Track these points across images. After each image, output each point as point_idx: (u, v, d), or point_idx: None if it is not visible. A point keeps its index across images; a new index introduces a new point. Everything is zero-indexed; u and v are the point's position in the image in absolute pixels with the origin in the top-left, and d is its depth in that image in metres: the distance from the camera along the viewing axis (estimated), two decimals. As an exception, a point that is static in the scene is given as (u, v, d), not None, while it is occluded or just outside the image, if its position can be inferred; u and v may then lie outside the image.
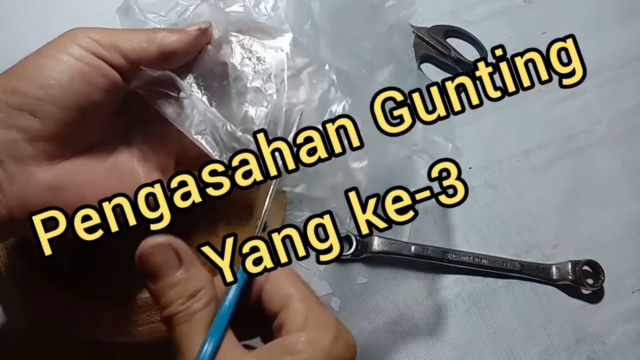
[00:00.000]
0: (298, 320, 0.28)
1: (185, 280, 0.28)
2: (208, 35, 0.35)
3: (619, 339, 0.49)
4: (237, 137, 0.34)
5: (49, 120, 0.30)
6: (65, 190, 0.31)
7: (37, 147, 0.30)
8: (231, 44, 0.35)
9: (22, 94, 0.29)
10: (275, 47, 0.36)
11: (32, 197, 0.30)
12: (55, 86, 0.30)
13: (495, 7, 0.64)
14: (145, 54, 0.32)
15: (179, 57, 0.34)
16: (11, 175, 0.29)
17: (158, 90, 0.33)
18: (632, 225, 0.53)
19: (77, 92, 0.30)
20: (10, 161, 0.29)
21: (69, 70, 0.30)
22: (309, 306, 0.29)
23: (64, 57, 0.30)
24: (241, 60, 0.35)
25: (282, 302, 0.29)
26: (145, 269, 0.28)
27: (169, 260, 0.28)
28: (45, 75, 0.30)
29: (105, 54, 0.31)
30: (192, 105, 0.33)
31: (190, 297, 0.28)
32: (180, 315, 0.27)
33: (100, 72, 0.31)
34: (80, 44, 0.31)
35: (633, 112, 0.59)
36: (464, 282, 0.50)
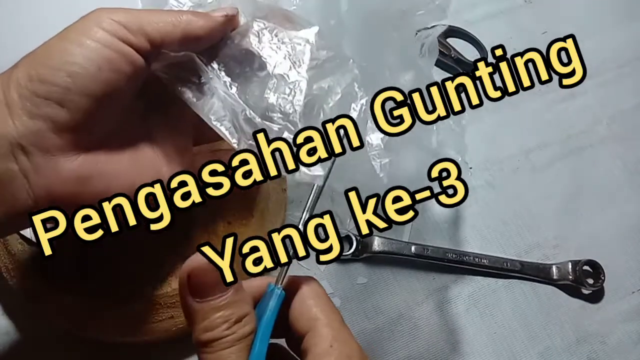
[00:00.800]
0: (323, 347, 0.28)
1: (233, 304, 0.27)
2: (234, 22, 0.34)
3: (619, 339, 0.49)
4: (256, 123, 0.33)
5: (77, 110, 0.29)
6: (91, 180, 0.30)
7: (64, 137, 0.29)
8: (257, 30, 0.34)
9: (49, 82, 0.28)
10: (300, 37, 0.35)
11: (59, 187, 0.29)
12: (83, 75, 0.29)
13: (495, 7, 0.64)
14: (170, 38, 0.31)
15: (203, 42, 0.33)
16: (37, 166, 0.29)
17: (178, 75, 0.33)
18: (632, 225, 0.53)
19: (104, 80, 0.29)
20: (36, 152, 0.29)
21: (96, 57, 0.29)
22: (334, 331, 0.28)
23: (91, 43, 0.29)
24: (266, 48, 0.34)
25: (308, 325, 0.29)
26: (193, 285, 0.27)
27: (218, 279, 0.27)
28: (72, 62, 0.29)
29: (131, 38, 0.30)
30: (212, 91, 0.33)
31: (236, 322, 0.27)
32: (225, 340, 0.26)
33: (127, 58, 0.30)
34: (105, 28, 0.29)
35: (633, 112, 0.59)
36: (464, 282, 0.50)
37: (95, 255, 0.41)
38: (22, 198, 0.29)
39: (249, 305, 0.28)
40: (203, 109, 0.33)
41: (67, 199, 0.30)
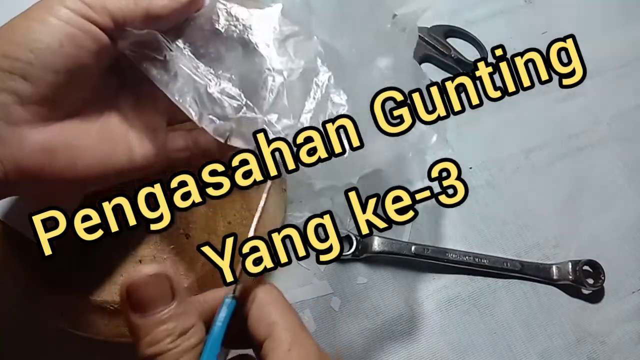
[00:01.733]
0: (282, 351, 0.28)
1: (176, 317, 0.27)
2: (199, 3, 0.34)
3: (619, 339, 0.49)
4: (215, 98, 0.34)
5: (40, 84, 0.30)
6: (57, 152, 0.31)
7: (28, 110, 0.30)
8: (220, 9, 0.35)
9: (13, 57, 0.29)
10: (263, 15, 0.35)
11: (26, 158, 0.30)
12: (45, 50, 0.29)
13: (495, 7, 0.64)
14: (132, 15, 0.32)
15: (166, 21, 0.33)
16: (3, 137, 0.29)
17: (144, 52, 0.33)
18: (632, 225, 0.53)
19: (66, 55, 0.30)
20: (2, 124, 0.29)
21: (58, 34, 0.30)
22: (293, 335, 0.28)
23: (53, 20, 0.30)
24: (227, 27, 0.35)
25: (267, 330, 0.29)
26: (132, 300, 0.27)
27: (163, 292, 0.27)
28: (34, 39, 0.29)
29: (94, 16, 0.31)
30: (176, 69, 0.33)
31: (180, 335, 0.26)
32: (170, 354, 0.26)
33: (90, 35, 0.31)
34: (68, 6, 0.30)
35: (633, 112, 0.59)
36: (464, 282, 0.50)
37: (95, 255, 0.41)
38: None
39: (194, 316, 0.28)
40: (167, 86, 0.33)
41: (34, 170, 0.30)
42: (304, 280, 0.49)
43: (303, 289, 0.49)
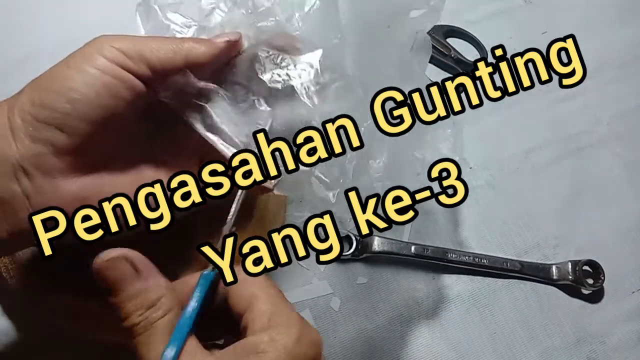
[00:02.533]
0: (262, 321, 0.28)
1: (143, 291, 0.28)
2: (237, 47, 0.34)
3: (619, 339, 0.49)
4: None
5: (76, 135, 0.30)
6: (91, 201, 0.31)
7: (63, 160, 0.30)
8: (260, 56, 0.35)
9: (49, 107, 0.29)
10: (305, 62, 0.35)
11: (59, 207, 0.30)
12: (82, 100, 0.30)
13: (495, 7, 0.64)
14: (172, 65, 0.32)
15: (206, 68, 0.33)
16: (38, 187, 0.30)
17: (184, 99, 0.33)
18: (632, 225, 0.53)
19: (103, 106, 0.30)
20: (37, 173, 0.30)
21: (95, 83, 0.30)
22: (273, 306, 0.29)
23: (91, 69, 0.30)
24: (271, 76, 0.34)
25: (247, 303, 0.29)
26: (103, 284, 0.28)
27: (126, 272, 0.28)
28: (71, 88, 0.30)
29: (131, 65, 0.31)
30: (217, 115, 0.33)
31: (149, 307, 0.28)
32: (140, 325, 0.28)
33: (126, 85, 0.31)
34: (105, 55, 0.30)
35: (633, 112, 0.59)
36: (464, 282, 0.50)
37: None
38: (24, 218, 0.30)
39: (162, 289, 0.29)
40: (207, 132, 0.33)
41: None
42: (304, 280, 0.49)
43: (303, 289, 0.49)
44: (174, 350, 0.27)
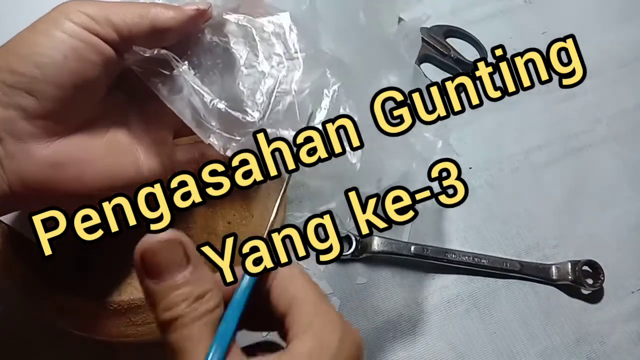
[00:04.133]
0: (303, 324, 0.27)
1: (192, 281, 0.26)
2: (206, 15, 0.34)
3: (619, 339, 0.49)
4: (222, 114, 0.33)
5: (46, 99, 0.30)
6: (64, 166, 0.31)
7: (35, 125, 0.30)
8: (229, 23, 0.35)
9: (18, 72, 0.29)
10: (273, 27, 0.35)
11: (32, 173, 0.30)
12: (50, 64, 0.30)
13: (495, 7, 0.64)
14: (138, 30, 0.32)
15: (173, 34, 0.33)
16: (10, 152, 0.30)
17: (151, 68, 0.33)
18: (632, 225, 0.53)
19: (71, 69, 0.30)
20: (9, 139, 0.29)
21: (63, 47, 0.30)
22: (314, 307, 0.28)
23: (58, 33, 0.30)
24: (237, 41, 0.35)
25: (288, 304, 0.28)
26: (147, 266, 0.26)
27: (177, 258, 0.26)
28: (39, 53, 0.30)
29: (98, 29, 0.31)
30: (183, 84, 0.33)
31: (197, 299, 0.26)
32: (185, 318, 0.26)
33: (94, 49, 0.31)
34: (72, 19, 0.30)
35: (633, 112, 0.59)
36: (464, 282, 0.50)
37: (95, 255, 0.41)
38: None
39: (211, 283, 0.27)
40: (173, 102, 0.33)
41: (40, 184, 0.30)
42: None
43: (303, 289, 0.49)
44: (219, 352, 0.25)
